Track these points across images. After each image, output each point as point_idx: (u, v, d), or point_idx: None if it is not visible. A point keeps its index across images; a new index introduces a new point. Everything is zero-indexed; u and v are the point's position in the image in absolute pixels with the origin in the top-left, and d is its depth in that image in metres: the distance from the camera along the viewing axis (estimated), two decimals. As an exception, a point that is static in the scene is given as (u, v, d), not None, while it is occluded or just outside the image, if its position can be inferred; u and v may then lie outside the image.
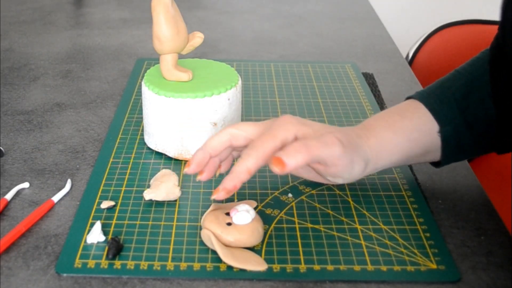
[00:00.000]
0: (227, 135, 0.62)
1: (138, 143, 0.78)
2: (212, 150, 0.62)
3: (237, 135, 0.62)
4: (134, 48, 1.12)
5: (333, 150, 0.59)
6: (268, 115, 0.87)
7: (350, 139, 0.62)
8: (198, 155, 0.62)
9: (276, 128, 0.60)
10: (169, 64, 0.74)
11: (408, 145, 0.66)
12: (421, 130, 0.67)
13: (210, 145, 0.62)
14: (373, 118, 0.68)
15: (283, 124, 0.61)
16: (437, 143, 0.68)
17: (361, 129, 0.66)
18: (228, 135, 0.62)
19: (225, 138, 0.62)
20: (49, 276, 0.57)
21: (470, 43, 1.27)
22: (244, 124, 0.63)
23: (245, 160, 0.58)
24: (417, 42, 1.32)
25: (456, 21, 1.30)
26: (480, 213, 0.67)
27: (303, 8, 1.38)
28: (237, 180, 0.58)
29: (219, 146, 0.62)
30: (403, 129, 0.66)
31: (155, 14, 0.71)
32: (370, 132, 0.65)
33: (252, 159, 0.58)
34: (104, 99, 0.91)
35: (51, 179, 0.71)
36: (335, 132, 0.61)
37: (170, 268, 0.58)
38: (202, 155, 0.62)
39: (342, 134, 0.61)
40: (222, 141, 0.62)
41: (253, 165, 0.58)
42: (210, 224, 0.60)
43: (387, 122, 0.67)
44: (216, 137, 0.62)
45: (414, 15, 2.04)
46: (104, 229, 0.62)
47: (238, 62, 1.05)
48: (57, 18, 1.27)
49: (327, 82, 0.98)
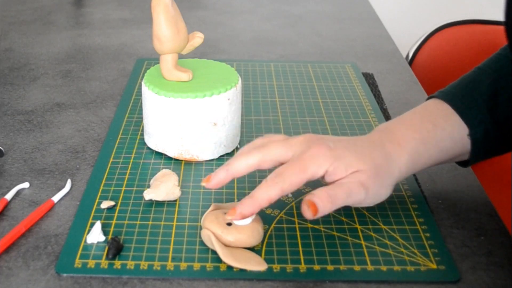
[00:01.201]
0: (256, 160, 0.60)
1: (138, 143, 0.78)
2: (236, 173, 0.60)
3: (266, 160, 0.60)
4: (134, 48, 1.12)
5: (358, 197, 0.59)
6: (268, 115, 0.87)
7: (379, 171, 0.60)
8: (220, 175, 0.60)
9: (308, 160, 0.58)
10: (169, 64, 0.74)
11: (439, 155, 0.65)
12: (453, 138, 0.66)
13: (236, 167, 0.60)
14: (403, 126, 0.65)
15: (316, 157, 0.58)
16: (467, 147, 0.67)
17: (392, 143, 0.63)
18: (257, 159, 0.60)
19: (254, 162, 0.60)
20: (49, 276, 0.57)
21: (470, 43, 1.27)
22: (274, 145, 0.60)
23: (269, 189, 0.57)
24: (417, 42, 1.32)
25: (456, 21, 1.30)
26: (480, 213, 0.67)
27: (303, 8, 1.38)
28: (256, 206, 0.57)
29: (245, 170, 0.60)
30: (436, 140, 0.65)
31: (155, 14, 0.71)
32: (402, 148, 0.63)
33: (277, 190, 0.56)
34: (104, 99, 0.91)
35: (51, 179, 0.71)
36: (362, 175, 0.59)
37: (170, 268, 0.58)
38: (224, 176, 0.60)
39: (370, 174, 0.59)
40: (249, 165, 0.60)
41: (276, 195, 0.57)
42: (210, 224, 0.60)
43: (419, 134, 0.64)
44: (244, 159, 0.60)
45: (414, 15, 2.04)
46: (104, 229, 0.62)
47: (238, 62, 1.05)
48: (57, 18, 1.27)
49: (327, 82, 0.98)
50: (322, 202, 0.56)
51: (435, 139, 0.65)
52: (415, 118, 0.67)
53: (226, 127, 0.74)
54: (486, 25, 1.28)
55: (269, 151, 0.60)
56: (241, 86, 0.79)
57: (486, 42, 1.26)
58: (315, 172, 0.58)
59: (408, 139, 0.64)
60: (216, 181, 0.60)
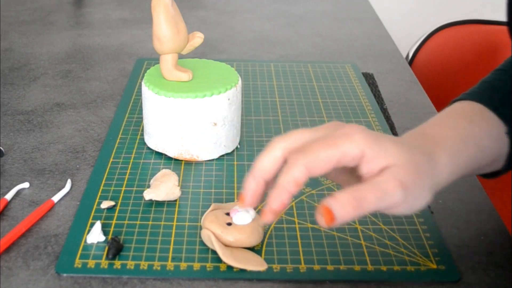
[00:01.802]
0: (280, 150, 0.51)
1: (138, 143, 0.78)
2: (264, 174, 0.52)
3: (291, 148, 0.51)
4: (134, 48, 1.12)
5: (393, 199, 0.49)
6: (268, 115, 0.87)
7: (419, 169, 0.51)
8: (250, 186, 0.52)
9: (340, 137, 0.49)
10: (169, 64, 0.74)
11: (480, 156, 0.58)
12: (491, 135, 0.59)
13: (261, 168, 0.52)
14: (436, 126, 0.58)
15: (350, 134, 0.49)
16: (504, 148, 0.60)
17: (428, 141, 0.55)
18: (280, 150, 0.51)
19: (278, 154, 0.51)
20: (49, 276, 0.57)
21: (470, 43, 1.27)
22: (298, 132, 0.52)
23: (292, 168, 0.48)
24: (417, 42, 1.32)
25: (456, 21, 1.31)
26: (480, 213, 0.67)
27: (303, 8, 1.38)
28: (284, 195, 0.48)
29: (272, 167, 0.51)
30: (473, 138, 0.58)
31: (155, 14, 0.71)
32: (441, 148, 0.55)
33: (300, 167, 0.48)
34: (104, 99, 0.91)
35: (51, 179, 0.71)
36: (400, 170, 0.49)
37: (170, 268, 0.58)
38: (254, 185, 0.52)
39: (409, 170, 0.50)
40: (274, 159, 0.51)
41: (301, 176, 0.48)
42: (210, 224, 0.60)
43: (455, 131, 0.57)
44: (266, 156, 0.52)
45: (414, 15, 2.04)
46: (104, 229, 0.62)
47: (238, 62, 1.05)
48: (57, 18, 1.27)
49: (327, 82, 0.98)
50: (341, 208, 0.47)
51: (473, 136, 0.58)
52: (447, 118, 0.60)
53: (226, 127, 0.74)
54: (486, 25, 1.28)
55: (291, 136, 0.52)
56: (241, 86, 0.79)
57: (486, 42, 1.26)
58: (347, 151, 0.48)
59: (444, 138, 0.56)
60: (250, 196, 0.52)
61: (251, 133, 0.82)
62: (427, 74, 1.27)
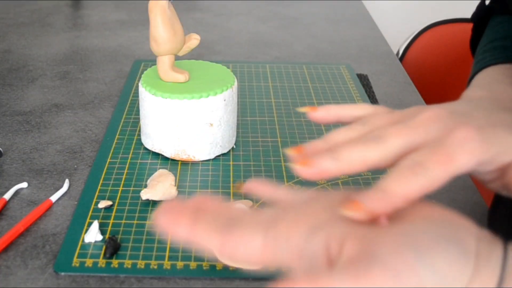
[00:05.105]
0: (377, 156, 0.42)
1: (135, 144, 0.79)
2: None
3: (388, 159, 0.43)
4: (131, 50, 1.12)
5: None
6: (264, 116, 0.87)
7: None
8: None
9: (457, 146, 0.40)
10: (166, 66, 0.74)
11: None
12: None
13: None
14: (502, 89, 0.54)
15: (464, 142, 0.40)
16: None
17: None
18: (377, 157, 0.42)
19: (374, 158, 0.43)
20: (47, 275, 0.57)
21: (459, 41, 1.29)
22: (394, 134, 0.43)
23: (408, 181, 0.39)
24: (407, 40, 1.33)
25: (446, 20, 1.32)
26: (474, 213, 0.68)
27: (298, 10, 1.38)
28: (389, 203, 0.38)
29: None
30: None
31: (152, 16, 0.72)
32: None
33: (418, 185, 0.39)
34: (102, 100, 0.92)
35: (49, 179, 0.72)
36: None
37: (167, 267, 0.58)
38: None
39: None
40: (367, 163, 0.43)
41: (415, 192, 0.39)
42: (207, 223, 0.61)
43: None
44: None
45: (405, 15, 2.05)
46: (102, 228, 0.63)
47: (234, 63, 1.06)
48: (55, 20, 1.27)
49: (322, 83, 0.99)
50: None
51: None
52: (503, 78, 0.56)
53: (222, 128, 0.75)
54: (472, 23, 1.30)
55: (389, 144, 0.42)
56: (237, 87, 0.80)
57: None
58: (465, 164, 0.40)
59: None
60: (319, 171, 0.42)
61: (247, 134, 0.82)
62: (417, 71, 1.28)
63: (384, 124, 0.44)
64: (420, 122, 0.43)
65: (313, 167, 0.41)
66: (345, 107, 0.48)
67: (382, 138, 0.42)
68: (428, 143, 0.41)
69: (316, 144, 0.43)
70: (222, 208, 0.41)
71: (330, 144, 0.43)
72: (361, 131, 0.44)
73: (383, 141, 0.42)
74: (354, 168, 0.41)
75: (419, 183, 0.39)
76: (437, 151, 0.40)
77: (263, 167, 0.75)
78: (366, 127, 0.44)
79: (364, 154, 0.41)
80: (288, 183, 0.71)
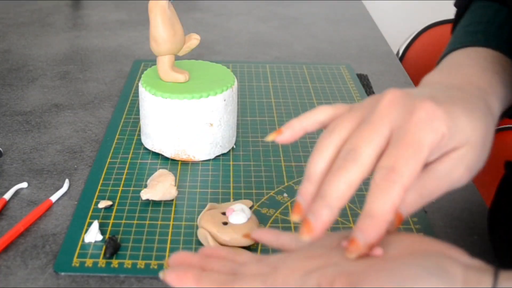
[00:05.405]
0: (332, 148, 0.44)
1: (135, 144, 0.79)
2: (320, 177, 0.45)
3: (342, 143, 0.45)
4: (131, 50, 1.12)
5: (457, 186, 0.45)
6: (264, 116, 0.87)
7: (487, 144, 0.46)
8: (308, 191, 0.45)
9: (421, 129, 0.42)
10: (166, 66, 0.74)
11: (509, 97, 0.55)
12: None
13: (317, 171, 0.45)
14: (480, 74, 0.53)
15: (428, 121, 0.42)
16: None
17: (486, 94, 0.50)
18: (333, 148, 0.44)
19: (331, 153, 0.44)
20: (47, 275, 0.57)
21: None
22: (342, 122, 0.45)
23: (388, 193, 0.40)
24: (407, 40, 1.33)
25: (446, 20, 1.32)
26: (474, 213, 0.68)
27: (298, 10, 1.38)
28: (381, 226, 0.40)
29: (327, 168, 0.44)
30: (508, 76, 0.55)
31: (152, 16, 0.72)
32: (494, 98, 0.51)
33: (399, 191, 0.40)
34: (102, 100, 0.92)
35: (49, 179, 0.72)
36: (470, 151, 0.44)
37: (167, 267, 0.58)
38: (313, 190, 0.45)
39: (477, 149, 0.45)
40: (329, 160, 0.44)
41: (399, 199, 0.41)
42: (207, 224, 0.61)
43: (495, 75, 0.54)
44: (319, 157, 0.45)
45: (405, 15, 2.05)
46: (102, 228, 0.63)
47: (234, 63, 1.06)
48: (55, 20, 1.27)
49: (322, 83, 0.99)
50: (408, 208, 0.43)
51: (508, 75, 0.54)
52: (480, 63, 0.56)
53: (222, 128, 0.75)
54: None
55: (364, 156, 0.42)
56: (237, 87, 0.80)
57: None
58: (432, 143, 0.42)
59: (492, 83, 0.52)
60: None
61: (247, 134, 0.82)
62: (416, 71, 1.28)
63: (349, 128, 0.45)
64: (381, 113, 0.43)
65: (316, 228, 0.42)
66: (306, 116, 0.48)
67: (355, 150, 0.43)
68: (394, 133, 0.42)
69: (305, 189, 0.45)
70: (227, 256, 0.47)
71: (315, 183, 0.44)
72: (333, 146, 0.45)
73: (358, 154, 0.42)
74: (345, 198, 0.42)
75: (399, 189, 0.40)
76: (404, 143, 0.41)
77: (263, 167, 0.75)
78: (334, 137, 0.45)
79: (348, 179, 0.42)
80: (288, 183, 0.71)
